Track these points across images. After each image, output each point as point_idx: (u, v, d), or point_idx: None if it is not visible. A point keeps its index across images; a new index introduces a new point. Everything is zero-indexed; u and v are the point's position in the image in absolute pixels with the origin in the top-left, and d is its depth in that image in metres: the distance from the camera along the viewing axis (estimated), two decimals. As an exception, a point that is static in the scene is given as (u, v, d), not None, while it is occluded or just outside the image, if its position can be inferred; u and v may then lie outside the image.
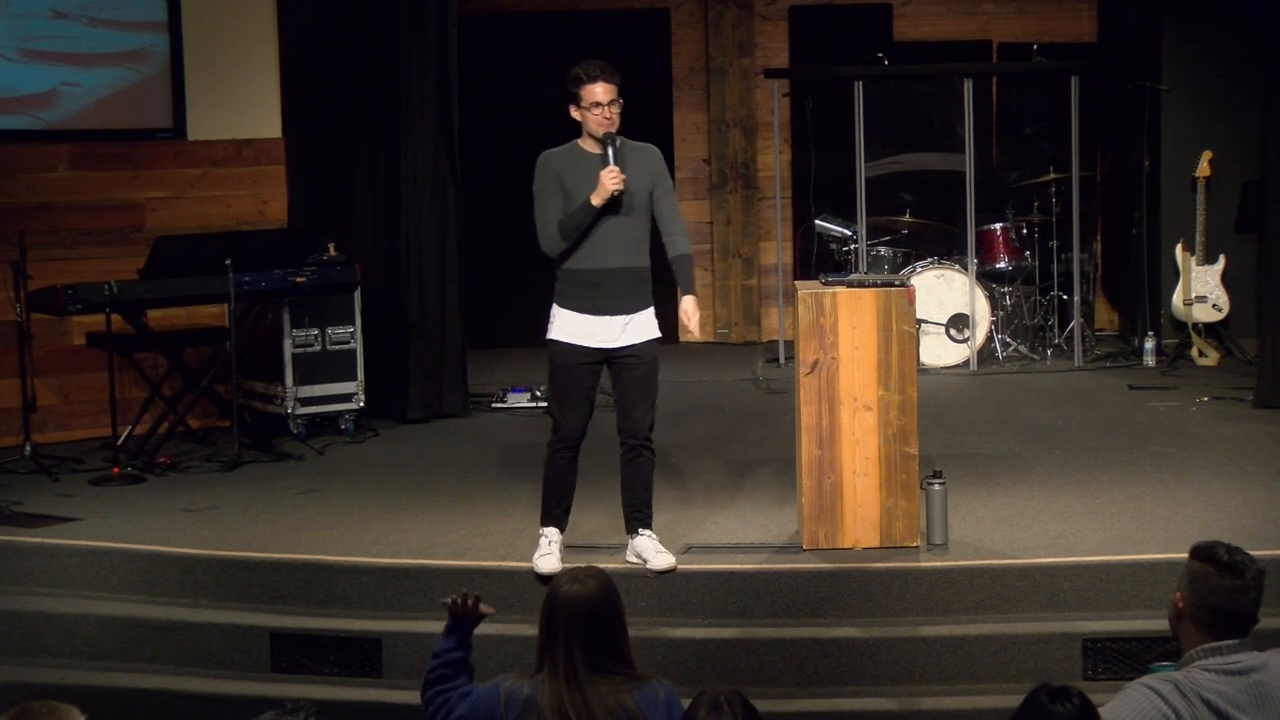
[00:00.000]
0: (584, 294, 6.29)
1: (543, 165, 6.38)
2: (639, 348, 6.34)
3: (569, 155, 6.36)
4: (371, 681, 6.26)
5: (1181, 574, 4.06)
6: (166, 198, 9.39)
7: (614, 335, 6.31)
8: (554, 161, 6.35)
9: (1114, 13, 11.87)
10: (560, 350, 6.32)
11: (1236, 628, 3.96)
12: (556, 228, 6.27)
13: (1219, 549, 4.02)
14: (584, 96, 6.26)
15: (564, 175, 6.30)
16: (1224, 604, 3.95)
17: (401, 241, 9.58)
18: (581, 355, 6.29)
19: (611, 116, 6.27)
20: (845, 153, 11.06)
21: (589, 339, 6.30)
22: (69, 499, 7.79)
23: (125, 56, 9.27)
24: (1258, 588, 3.99)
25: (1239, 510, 6.99)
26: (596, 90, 6.24)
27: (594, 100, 6.24)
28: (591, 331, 6.30)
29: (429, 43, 9.49)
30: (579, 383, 6.32)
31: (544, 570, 6.30)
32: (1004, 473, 7.82)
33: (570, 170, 6.30)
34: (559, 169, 6.32)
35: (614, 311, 6.30)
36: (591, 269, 6.28)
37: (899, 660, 6.05)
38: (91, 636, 6.60)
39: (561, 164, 6.33)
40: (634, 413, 6.35)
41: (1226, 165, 10.75)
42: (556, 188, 6.30)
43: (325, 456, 8.67)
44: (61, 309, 8.32)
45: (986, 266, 10.94)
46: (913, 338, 6.55)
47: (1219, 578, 3.96)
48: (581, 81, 6.26)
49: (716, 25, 12.23)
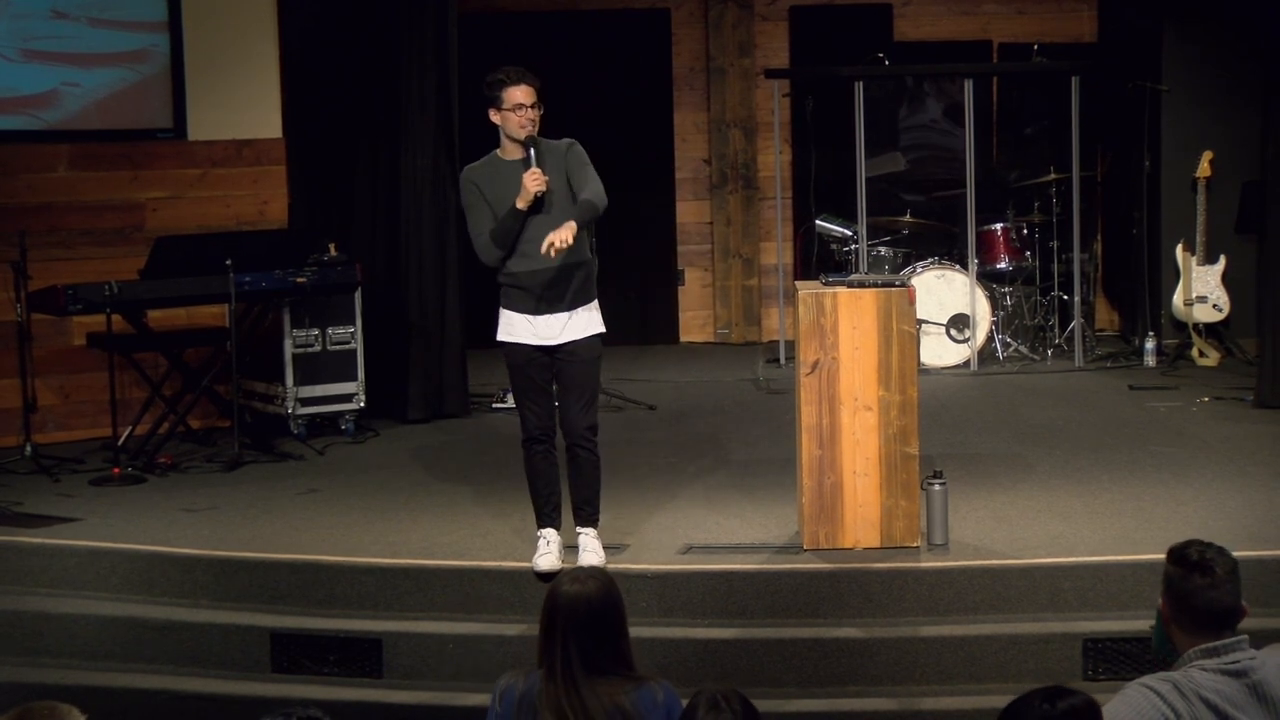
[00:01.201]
0: (523, 295, 6.35)
1: (463, 181, 6.43)
2: (578, 344, 6.38)
3: (487, 167, 6.40)
4: (371, 682, 6.26)
5: (1163, 580, 4.08)
6: (167, 198, 9.39)
7: (554, 332, 6.36)
8: (473, 175, 6.39)
9: (1114, 13, 11.87)
10: (509, 350, 6.41)
11: (1221, 623, 3.97)
12: (489, 238, 6.31)
13: (1190, 549, 4.03)
14: (505, 99, 6.27)
15: (483, 187, 6.34)
16: (1201, 603, 3.96)
17: (401, 241, 9.59)
18: (528, 353, 6.38)
19: (534, 119, 6.29)
20: (845, 153, 11.07)
21: (532, 338, 6.37)
22: (69, 499, 7.79)
23: (126, 57, 9.27)
24: (1232, 580, 4.01)
25: (1239, 510, 6.99)
26: (517, 93, 6.26)
27: (516, 102, 6.26)
28: (534, 330, 6.36)
29: (429, 43, 9.49)
30: (531, 379, 6.41)
31: (543, 569, 6.32)
32: (1004, 473, 7.82)
33: (489, 181, 6.34)
34: (478, 181, 6.36)
35: (552, 310, 6.35)
36: (528, 270, 6.31)
37: (899, 660, 6.05)
38: (92, 637, 6.60)
39: (480, 176, 6.37)
40: (570, 412, 6.41)
41: (1227, 165, 10.75)
42: (480, 200, 6.33)
43: (325, 457, 8.67)
44: (62, 309, 8.31)
45: (987, 267, 10.94)
46: (913, 338, 6.55)
47: (1191, 579, 3.98)
48: (503, 84, 6.28)
49: (717, 25, 12.23)
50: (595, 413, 6.47)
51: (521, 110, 6.26)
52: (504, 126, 6.32)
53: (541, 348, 6.37)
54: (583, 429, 6.39)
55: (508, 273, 6.35)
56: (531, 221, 6.27)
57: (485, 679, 6.00)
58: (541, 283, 6.31)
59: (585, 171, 6.34)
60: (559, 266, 6.26)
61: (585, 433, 6.39)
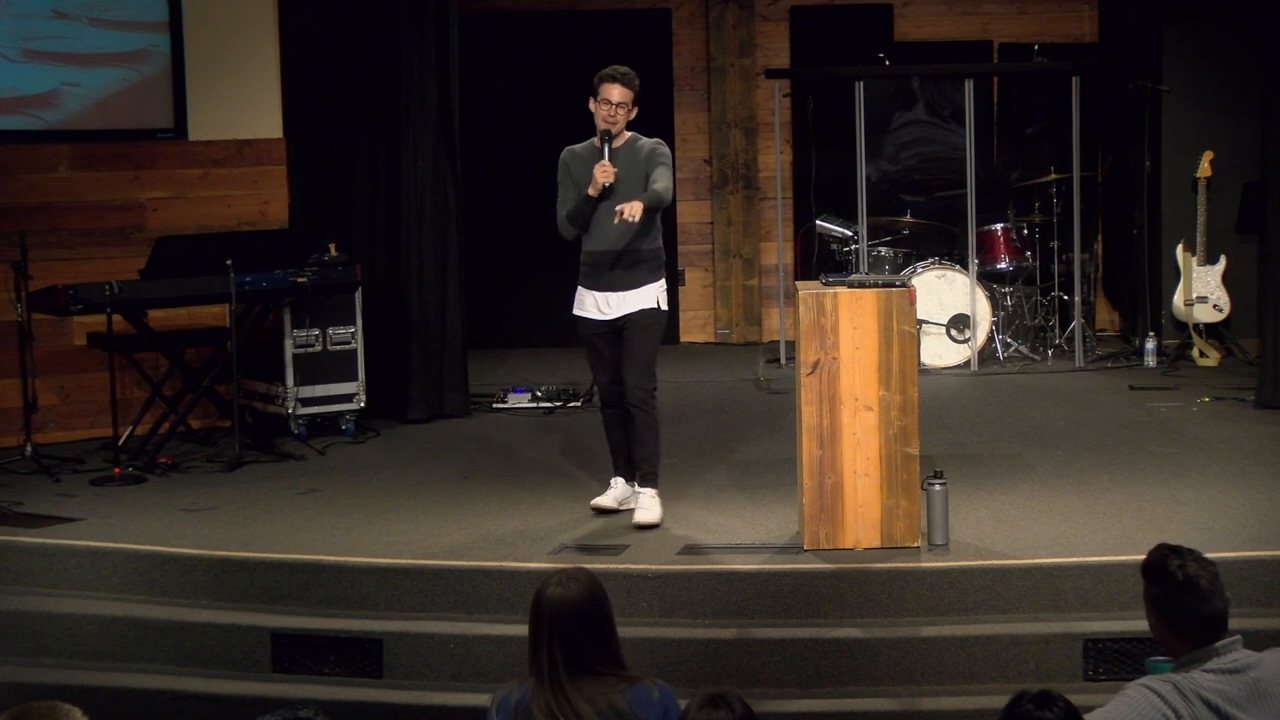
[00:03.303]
0: (590, 272, 7.01)
1: (561, 160, 7.07)
2: (633, 316, 6.94)
3: (583, 152, 7.05)
4: (372, 682, 6.25)
5: (1145, 596, 4.08)
6: (167, 198, 9.39)
7: (613, 308, 6.96)
8: (567, 156, 7.08)
9: (1114, 13, 11.87)
10: (581, 324, 7.05)
11: (1218, 628, 3.98)
12: (565, 216, 6.98)
13: (1170, 567, 4.01)
14: (601, 92, 6.96)
15: (572, 168, 7.02)
16: (1197, 620, 3.98)
17: (402, 241, 9.59)
18: (594, 326, 7.00)
19: (615, 117, 6.93)
20: (846, 153, 11.07)
21: (595, 312, 6.99)
22: (70, 499, 7.79)
23: (126, 57, 9.27)
24: (1218, 585, 4.01)
25: (1239, 510, 6.99)
26: (613, 91, 6.94)
27: (606, 98, 6.94)
28: (597, 305, 6.99)
29: (429, 43, 9.49)
30: (600, 352, 7.04)
31: (593, 503, 7.12)
32: (1005, 473, 7.82)
33: (579, 163, 7.01)
34: (569, 162, 7.05)
35: (613, 288, 6.96)
36: (595, 250, 6.98)
37: (900, 661, 6.05)
38: (92, 636, 6.60)
39: (572, 158, 7.05)
40: (627, 376, 6.95)
41: (1227, 165, 10.74)
42: (568, 179, 7.02)
43: (326, 457, 8.67)
44: (62, 309, 8.31)
45: (987, 267, 10.94)
46: (913, 338, 6.55)
47: (1184, 600, 3.97)
48: (604, 80, 6.97)
49: (717, 25, 12.23)
50: (651, 377, 6.97)
51: (608, 106, 6.93)
52: (596, 116, 6.97)
53: (606, 322, 6.95)
54: (636, 391, 6.91)
55: (584, 251, 7.00)
56: (603, 206, 6.90)
57: (485, 679, 6.02)
58: (608, 262, 6.93)
59: (661, 169, 6.94)
60: (623, 249, 6.90)
61: (638, 394, 6.92)
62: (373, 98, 9.61)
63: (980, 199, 10.85)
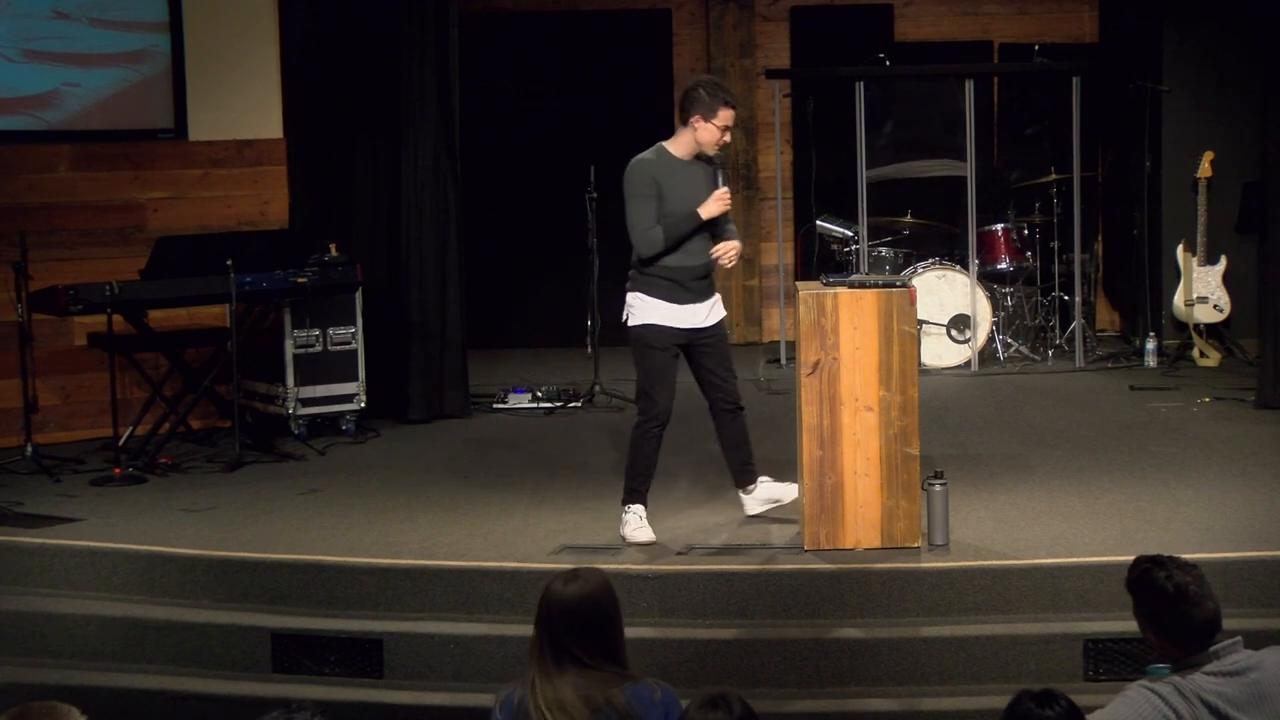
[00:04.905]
0: (678, 287, 6.78)
1: (640, 170, 6.78)
2: (717, 327, 6.92)
3: (663, 162, 6.79)
4: (372, 682, 6.26)
5: (1136, 612, 4.08)
6: (168, 198, 9.39)
7: (700, 318, 6.84)
8: (649, 169, 6.77)
9: (1114, 13, 11.87)
10: (656, 333, 6.78)
11: (1213, 631, 3.99)
12: (661, 233, 6.70)
13: (1157, 578, 4.02)
14: (719, 115, 6.69)
15: (661, 181, 6.73)
16: (1192, 626, 3.99)
17: (402, 241, 9.59)
18: (673, 337, 6.80)
19: (724, 142, 6.79)
20: (846, 153, 11.07)
21: (681, 323, 6.80)
22: (70, 499, 7.79)
23: (126, 57, 9.27)
24: (1207, 589, 4.03)
25: (1239, 510, 6.99)
26: (730, 116, 6.72)
27: (725, 124, 6.71)
28: (684, 317, 6.81)
29: (429, 43, 9.49)
30: (669, 363, 6.83)
31: (642, 540, 6.73)
32: (1005, 473, 7.82)
33: (666, 176, 6.75)
34: (656, 175, 6.75)
35: (697, 300, 6.83)
36: (688, 265, 6.78)
37: (900, 661, 6.05)
38: (92, 637, 6.60)
39: (657, 171, 6.76)
40: (727, 382, 6.93)
41: (1227, 165, 10.74)
42: (654, 193, 6.72)
43: (326, 457, 8.67)
44: (63, 309, 8.31)
45: (988, 267, 10.94)
46: (914, 338, 6.55)
47: (1177, 609, 3.98)
48: (724, 102, 6.70)
49: (718, 25, 12.23)
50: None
51: (726, 132, 6.74)
52: (699, 134, 6.73)
53: (683, 333, 6.80)
54: (738, 395, 6.98)
55: (664, 266, 6.75)
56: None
57: (485, 679, 6.02)
58: (693, 278, 6.79)
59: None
60: (706, 264, 6.83)
61: (739, 396, 6.98)
62: (373, 98, 9.61)
63: (980, 199, 10.85)
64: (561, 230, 11.13)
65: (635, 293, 6.80)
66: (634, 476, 6.81)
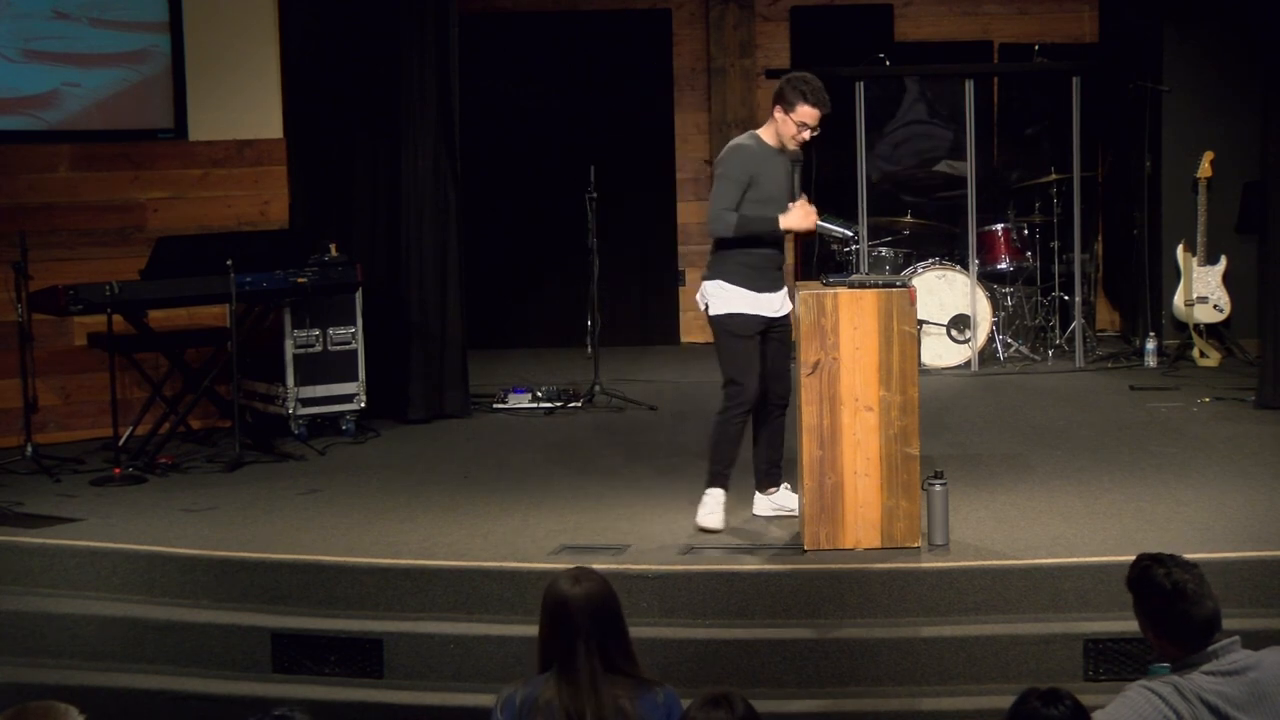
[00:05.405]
0: (760, 275, 6.86)
1: (738, 153, 6.88)
2: (787, 319, 6.95)
3: (761, 149, 6.88)
4: (372, 682, 6.25)
5: (1136, 610, 4.08)
6: (167, 198, 9.39)
7: (774, 308, 6.91)
8: (746, 154, 6.87)
9: (1114, 13, 11.87)
10: (744, 321, 6.84)
11: (1212, 629, 3.99)
12: (736, 220, 6.78)
13: (1155, 576, 4.03)
14: (800, 111, 6.77)
15: (754, 169, 6.81)
16: (1191, 624, 3.99)
17: (402, 241, 9.59)
18: (759, 324, 6.86)
19: (806, 139, 6.86)
20: (846, 153, 11.06)
21: (764, 310, 6.86)
22: (70, 499, 7.79)
23: (126, 57, 9.27)
24: (1206, 587, 4.03)
25: (1240, 510, 6.99)
26: (814, 114, 6.79)
27: (802, 120, 6.79)
28: (765, 304, 6.87)
29: (429, 43, 9.49)
30: (754, 350, 6.87)
31: (709, 526, 6.82)
32: (1005, 473, 7.82)
33: (761, 164, 6.83)
34: (752, 163, 6.83)
35: (776, 288, 6.92)
36: (770, 254, 6.88)
37: (900, 661, 6.05)
38: (92, 637, 6.60)
39: (754, 159, 6.85)
40: (783, 378, 6.96)
41: (1227, 165, 10.74)
42: (745, 178, 6.80)
43: (326, 457, 8.67)
44: (63, 309, 8.31)
45: (988, 267, 10.94)
46: (914, 338, 6.55)
47: (1175, 607, 3.98)
48: (805, 98, 6.76)
49: (718, 25, 12.23)
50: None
51: (804, 129, 6.81)
52: (780, 125, 6.84)
53: (765, 320, 6.85)
54: (789, 391, 6.94)
55: (752, 253, 6.84)
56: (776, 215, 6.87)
57: (485, 679, 6.02)
58: (775, 267, 6.91)
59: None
60: (780, 254, 6.94)
61: (789, 394, 6.94)
62: (373, 98, 9.61)
63: (980, 199, 10.85)
64: (561, 230, 11.14)
65: (716, 280, 6.88)
66: (718, 460, 6.91)
